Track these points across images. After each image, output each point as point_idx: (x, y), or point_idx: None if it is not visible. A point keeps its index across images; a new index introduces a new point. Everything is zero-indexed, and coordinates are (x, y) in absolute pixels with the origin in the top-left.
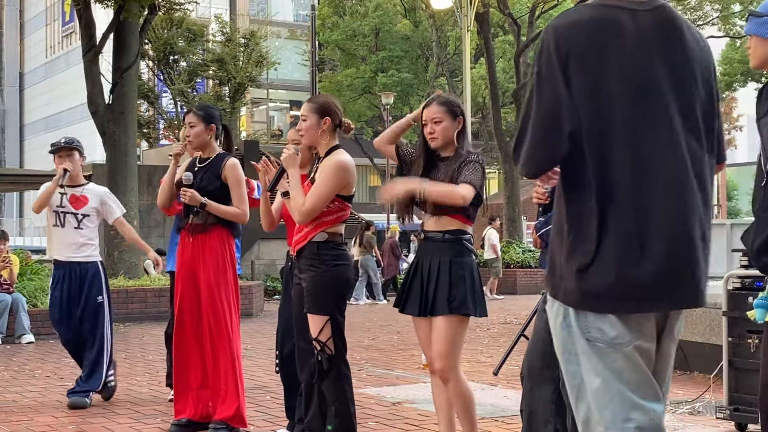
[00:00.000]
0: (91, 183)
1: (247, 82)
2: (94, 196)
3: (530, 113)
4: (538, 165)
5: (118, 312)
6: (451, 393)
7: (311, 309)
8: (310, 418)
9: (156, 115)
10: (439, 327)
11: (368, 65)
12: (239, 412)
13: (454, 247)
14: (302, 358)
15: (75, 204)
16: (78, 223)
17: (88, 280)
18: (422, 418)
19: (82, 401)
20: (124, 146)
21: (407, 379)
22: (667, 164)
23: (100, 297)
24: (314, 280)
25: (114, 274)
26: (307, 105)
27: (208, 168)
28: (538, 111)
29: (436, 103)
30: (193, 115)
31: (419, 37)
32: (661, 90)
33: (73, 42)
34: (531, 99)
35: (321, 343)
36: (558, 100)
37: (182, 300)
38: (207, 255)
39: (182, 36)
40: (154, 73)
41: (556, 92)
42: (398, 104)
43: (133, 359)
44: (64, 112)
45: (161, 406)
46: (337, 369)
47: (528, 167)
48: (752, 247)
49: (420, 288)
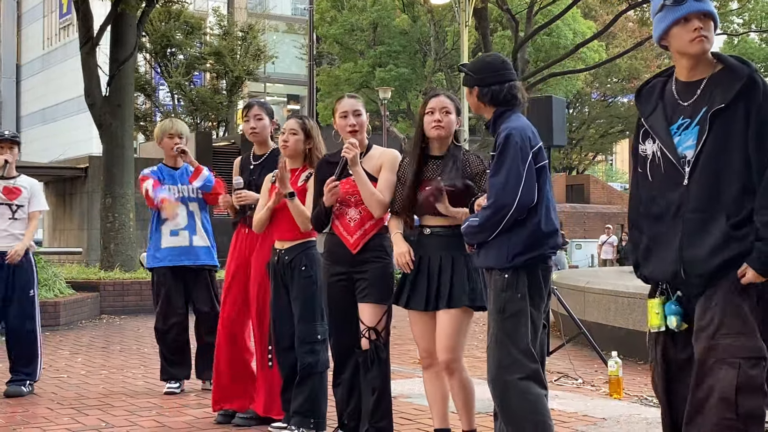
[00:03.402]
0: (23, 175)
1: (244, 75)
2: (27, 186)
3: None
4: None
5: (114, 305)
6: (455, 384)
7: (376, 299)
8: (351, 411)
9: (153, 108)
10: (449, 320)
11: (366, 60)
12: (274, 404)
13: (462, 241)
14: (344, 353)
15: (9, 195)
16: (12, 214)
17: (20, 272)
18: (417, 413)
19: (18, 390)
20: (121, 139)
21: (402, 373)
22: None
23: (32, 291)
24: (381, 271)
25: (110, 266)
26: (356, 101)
27: (264, 165)
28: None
29: (444, 95)
30: (259, 108)
31: (417, 32)
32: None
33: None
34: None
35: (377, 332)
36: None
37: (231, 290)
38: (260, 246)
39: (180, 29)
40: (151, 65)
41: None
42: (396, 99)
43: (129, 352)
44: (61, 104)
45: (156, 398)
46: (386, 357)
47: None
48: (680, 254)
49: (426, 283)
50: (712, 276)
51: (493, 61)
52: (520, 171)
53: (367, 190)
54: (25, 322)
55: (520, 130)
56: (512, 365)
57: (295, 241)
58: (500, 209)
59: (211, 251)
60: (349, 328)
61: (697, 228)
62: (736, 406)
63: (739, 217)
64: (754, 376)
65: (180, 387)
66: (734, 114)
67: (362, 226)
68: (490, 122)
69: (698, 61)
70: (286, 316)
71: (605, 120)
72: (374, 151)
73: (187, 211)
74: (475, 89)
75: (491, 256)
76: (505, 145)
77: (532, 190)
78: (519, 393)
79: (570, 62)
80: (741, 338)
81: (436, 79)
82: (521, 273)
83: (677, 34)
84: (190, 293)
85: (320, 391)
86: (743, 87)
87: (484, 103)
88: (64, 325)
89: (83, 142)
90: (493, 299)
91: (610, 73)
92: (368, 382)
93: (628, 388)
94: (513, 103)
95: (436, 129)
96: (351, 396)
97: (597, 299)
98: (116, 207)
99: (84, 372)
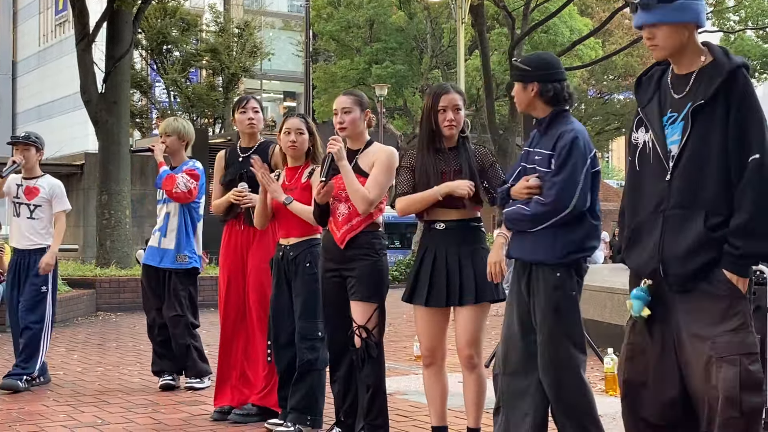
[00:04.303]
0: (47, 175)
1: (240, 72)
2: (46, 187)
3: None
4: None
5: (110, 302)
6: (473, 380)
7: (363, 297)
8: (347, 408)
9: (149, 105)
10: (474, 315)
11: (362, 57)
12: (272, 398)
13: (477, 234)
14: (339, 350)
15: (28, 195)
16: (30, 213)
17: (34, 269)
18: (413, 409)
19: (14, 383)
20: (117, 136)
21: (399, 370)
22: None
23: (44, 287)
24: (369, 269)
25: (106, 263)
26: (348, 98)
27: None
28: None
29: (454, 90)
30: (256, 102)
31: (414, 29)
32: None
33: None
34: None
35: (368, 330)
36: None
37: (228, 287)
38: (258, 242)
39: (176, 25)
40: (147, 62)
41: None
42: (392, 96)
43: (125, 349)
44: (57, 101)
45: (152, 395)
46: (380, 355)
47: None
48: (660, 250)
49: (446, 278)
50: (689, 277)
51: (551, 58)
52: (581, 176)
53: (352, 186)
54: (29, 315)
55: (583, 134)
56: (570, 361)
57: (301, 238)
58: (557, 209)
59: (181, 255)
60: (344, 324)
61: (677, 225)
62: (740, 403)
63: (720, 218)
64: (754, 372)
65: (174, 380)
66: (714, 111)
67: (349, 221)
68: (544, 120)
69: (677, 57)
70: (286, 312)
71: (601, 117)
72: (372, 148)
73: (164, 212)
74: (535, 85)
75: (540, 250)
76: (572, 147)
77: (587, 195)
78: (577, 388)
79: (566, 59)
80: (738, 335)
81: (433, 76)
82: (571, 271)
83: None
84: (162, 295)
85: (318, 388)
86: (722, 83)
87: (542, 100)
88: (60, 322)
89: (79, 139)
90: (545, 297)
91: (607, 70)
92: (362, 380)
93: None
94: (570, 103)
95: (450, 128)
96: (347, 393)
97: (593, 296)
98: (112, 204)
99: (80, 369)
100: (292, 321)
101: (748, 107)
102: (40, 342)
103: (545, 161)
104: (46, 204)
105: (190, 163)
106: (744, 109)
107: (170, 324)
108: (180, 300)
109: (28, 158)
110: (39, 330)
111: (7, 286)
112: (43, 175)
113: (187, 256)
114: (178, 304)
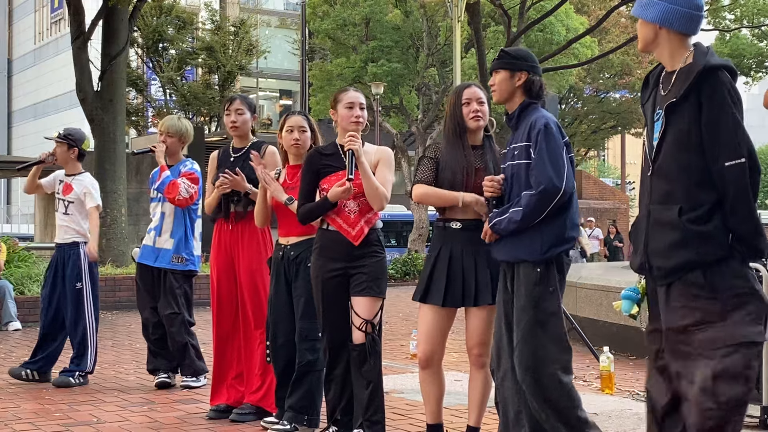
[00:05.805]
0: (86, 173)
1: (236, 70)
2: (79, 184)
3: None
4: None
5: (106, 300)
6: (481, 379)
7: (373, 292)
8: (344, 406)
9: (145, 103)
10: (487, 315)
11: (359, 55)
12: (268, 397)
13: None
14: (337, 349)
15: (64, 192)
16: (65, 209)
17: (69, 265)
18: (409, 408)
19: (66, 380)
20: (113, 134)
21: (395, 369)
22: None
23: (78, 284)
24: (378, 265)
25: (102, 262)
26: (362, 94)
27: (244, 158)
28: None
29: (476, 86)
30: (241, 102)
31: (410, 27)
32: None
33: (61, 28)
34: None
35: (374, 325)
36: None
37: (220, 287)
38: (247, 241)
39: (172, 24)
40: (143, 60)
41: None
42: (388, 94)
43: (121, 347)
44: (53, 99)
45: (148, 393)
46: (379, 349)
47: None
48: (646, 245)
49: (462, 278)
50: (669, 271)
51: (531, 54)
52: (564, 158)
53: (373, 184)
54: (71, 312)
55: (553, 121)
56: (548, 357)
57: (301, 237)
58: (549, 195)
59: (179, 256)
60: (343, 324)
61: (658, 220)
62: (715, 394)
63: (698, 212)
64: (730, 365)
65: (170, 378)
66: (687, 108)
67: (363, 216)
68: (515, 112)
69: (658, 55)
70: (285, 313)
71: (597, 115)
72: (368, 148)
73: (159, 211)
74: (524, 74)
75: (522, 248)
76: (546, 133)
77: (572, 177)
78: (557, 384)
79: (563, 58)
80: (711, 329)
81: (429, 75)
82: (551, 266)
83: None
84: (157, 293)
85: (317, 388)
86: (694, 81)
87: (523, 90)
88: None
89: None
90: (525, 293)
91: (603, 68)
92: (363, 375)
93: (620, 384)
94: (542, 97)
95: (476, 120)
96: (344, 392)
97: (588, 294)
98: (108, 202)
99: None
100: (290, 321)
101: (718, 105)
102: (86, 338)
103: (523, 153)
104: (78, 200)
105: (186, 163)
106: (715, 108)
107: (167, 322)
108: (176, 298)
109: (59, 155)
110: (83, 327)
111: (46, 283)
112: (81, 173)
113: (185, 258)
114: (174, 302)
